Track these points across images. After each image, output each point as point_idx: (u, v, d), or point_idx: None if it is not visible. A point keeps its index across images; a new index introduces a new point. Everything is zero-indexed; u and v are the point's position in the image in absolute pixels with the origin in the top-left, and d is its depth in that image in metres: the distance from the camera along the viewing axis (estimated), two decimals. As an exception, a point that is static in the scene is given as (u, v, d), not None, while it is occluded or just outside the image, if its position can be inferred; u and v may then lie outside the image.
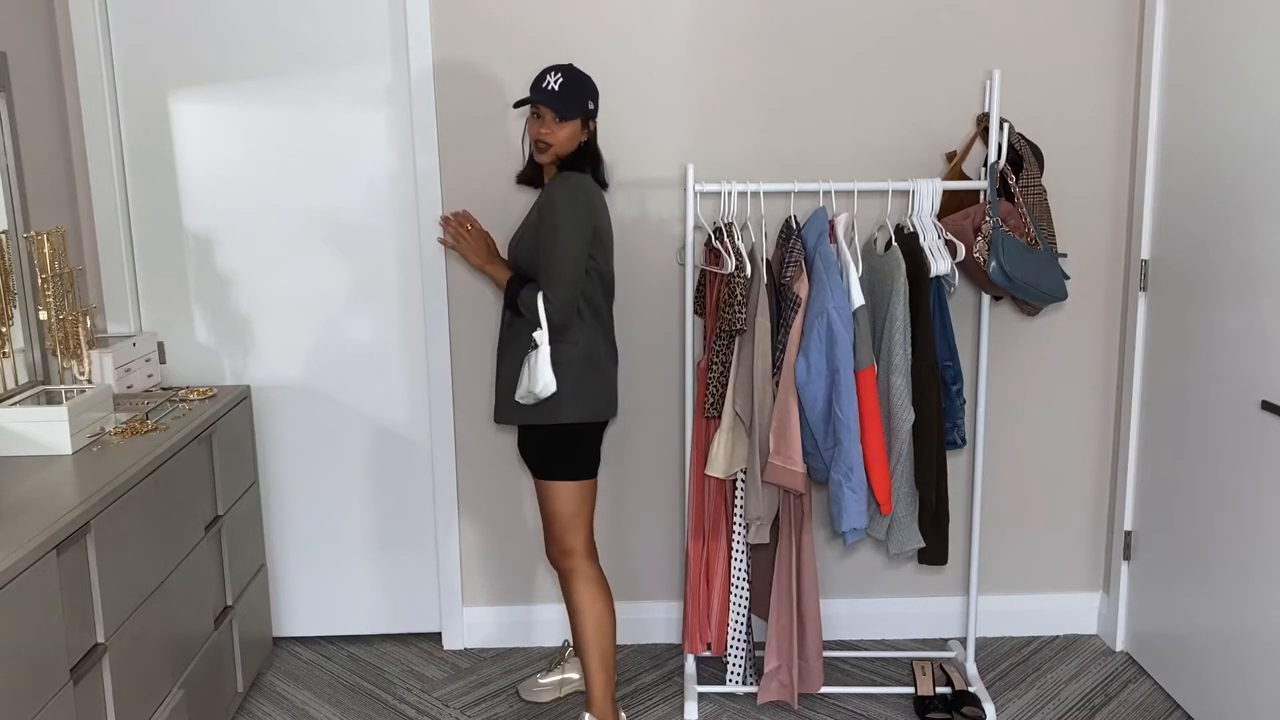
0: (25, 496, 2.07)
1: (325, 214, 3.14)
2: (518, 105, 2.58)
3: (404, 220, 3.14)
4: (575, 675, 3.04)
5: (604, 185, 2.70)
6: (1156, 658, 3.09)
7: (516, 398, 2.55)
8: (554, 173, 2.64)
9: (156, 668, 2.36)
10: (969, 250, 2.69)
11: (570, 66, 2.58)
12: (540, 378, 2.48)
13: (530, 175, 2.74)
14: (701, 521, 2.93)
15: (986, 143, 2.81)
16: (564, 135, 2.55)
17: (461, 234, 2.78)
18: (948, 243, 2.74)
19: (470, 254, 2.77)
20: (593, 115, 2.63)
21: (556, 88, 2.53)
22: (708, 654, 3.02)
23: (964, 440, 2.92)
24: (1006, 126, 2.79)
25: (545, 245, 2.50)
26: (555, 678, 3.04)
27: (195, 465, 2.65)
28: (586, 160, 2.64)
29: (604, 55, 3.02)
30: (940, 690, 2.98)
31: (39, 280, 2.66)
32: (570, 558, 2.69)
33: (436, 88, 3.03)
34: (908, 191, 2.78)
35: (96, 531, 2.07)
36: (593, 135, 2.66)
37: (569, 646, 3.10)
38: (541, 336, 2.49)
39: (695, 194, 2.84)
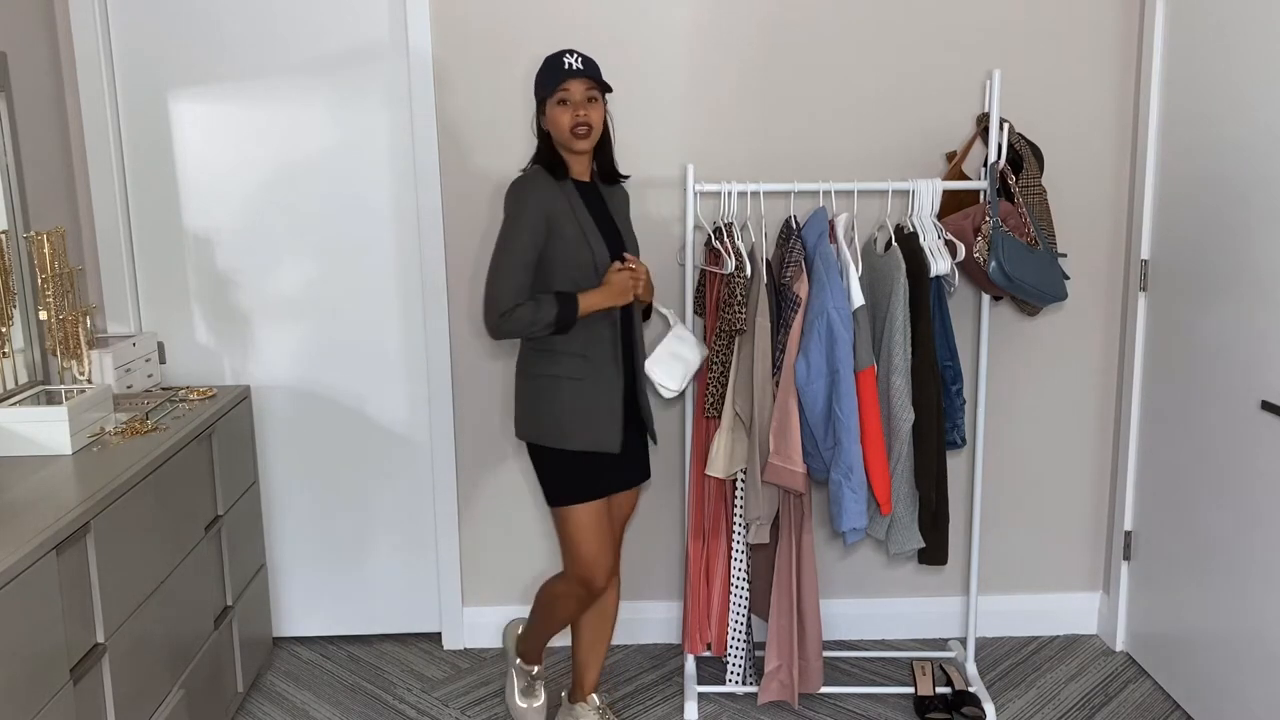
0: (25, 496, 2.07)
1: (325, 214, 3.14)
2: (546, 94, 2.40)
3: (404, 220, 3.14)
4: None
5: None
6: (1156, 658, 3.08)
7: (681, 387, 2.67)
8: (589, 163, 2.52)
9: (156, 668, 2.36)
10: (969, 250, 2.69)
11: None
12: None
13: (553, 167, 2.45)
14: (701, 521, 2.93)
15: (986, 143, 2.81)
16: (599, 114, 2.42)
17: (641, 278, 2.52)
18: (948, 243, 2.74)
19: (648, 292, 2.56)
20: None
21: (581, 65, 2.39)
22: (708, 654, 3.02)
23: (964, 440, 2.92)
24: (1006, 126, 2.79)
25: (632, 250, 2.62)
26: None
27: (195, 465, 2.65)
28: (607, 147, 2.55)
29: (604, 55, 3.00)
30: (940, 690, 2.98)
31: (39, 280, 2.66)
32: (615, 573, 2.68)
33: (436, 88, 3.03)
34: (908, 191, 2.78)
35: (96, 531, 2.07)
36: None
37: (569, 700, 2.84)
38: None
39: (695, 194, 2.84)
